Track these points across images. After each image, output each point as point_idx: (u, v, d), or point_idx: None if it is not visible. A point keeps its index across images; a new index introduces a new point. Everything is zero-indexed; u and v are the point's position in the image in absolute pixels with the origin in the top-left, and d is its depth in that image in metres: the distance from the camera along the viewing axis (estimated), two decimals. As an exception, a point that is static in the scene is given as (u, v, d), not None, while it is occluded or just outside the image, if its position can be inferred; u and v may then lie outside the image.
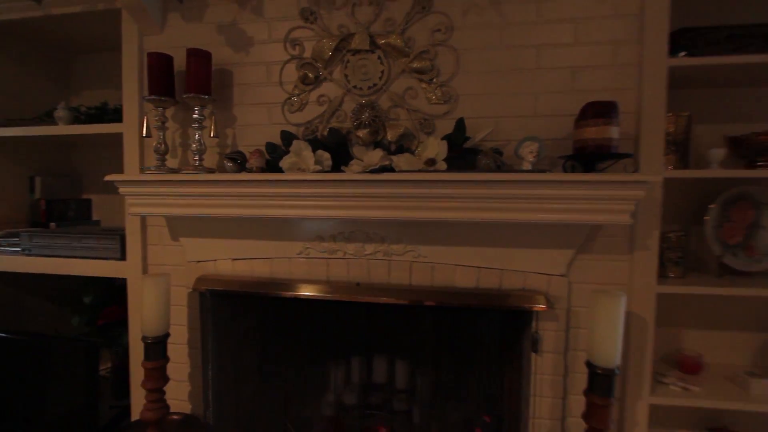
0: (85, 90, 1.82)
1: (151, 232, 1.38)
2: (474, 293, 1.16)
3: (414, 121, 1.19)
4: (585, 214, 1.02)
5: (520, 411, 1.19)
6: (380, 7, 1.19)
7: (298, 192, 1.11)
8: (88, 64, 1.81)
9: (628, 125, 1.09)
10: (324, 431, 1.37)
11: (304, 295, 1.22)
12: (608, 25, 1.10)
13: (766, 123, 1.24)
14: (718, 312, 1.32)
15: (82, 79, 1.81)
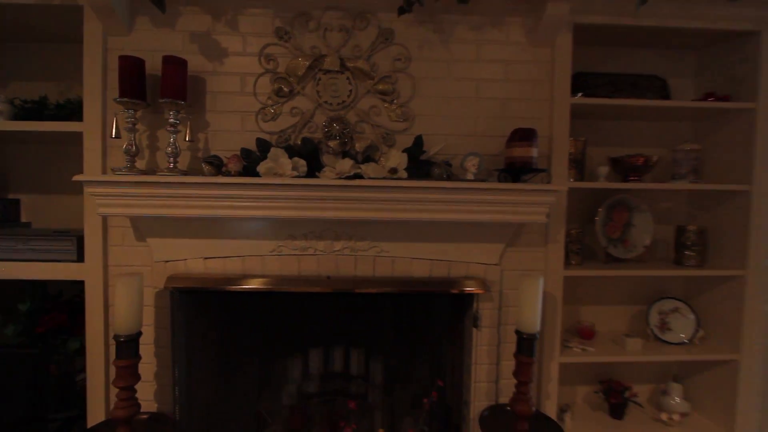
0: (13, 82, 1.69)
1: (113, 233, 1.37)
2: (428, 282, 1.39)
3: (377, 134, 1.39)
4: (513, 215, 1.30)
5: (464, 377, 1.44)
6: (349, 34, 1.37)
7: (276, 195, 1.23)
8: (18, 53, 1.68)
9: (543, 146, 1.40)
10: (300, 416, 1.49)
11: (278, 288, 1.34)
12: (529, 69, 1.41)
13: (636, 147, 1.66)
14: (605, 290, 1.72)
15: (10, 70, 1.68)
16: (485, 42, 1.40)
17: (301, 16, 1.36)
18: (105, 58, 1.34)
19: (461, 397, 1.47)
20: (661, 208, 1.69)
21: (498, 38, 1.40)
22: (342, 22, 1.37)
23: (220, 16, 1.36)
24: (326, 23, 1.37)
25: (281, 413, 1.52)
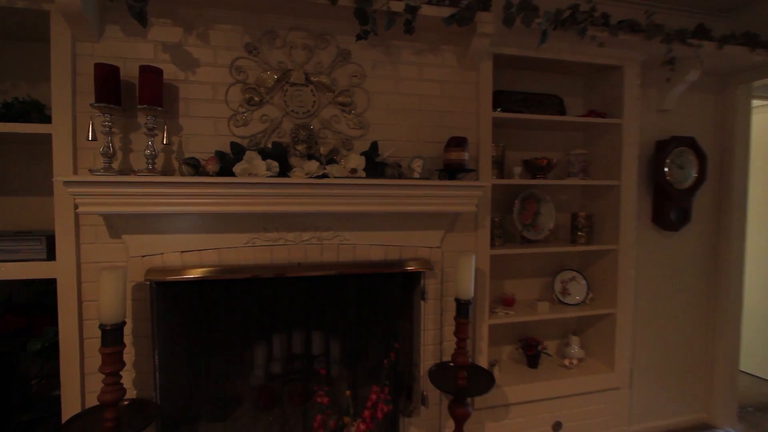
0: None
1: (84, 232, 1.43)
2: (383, 264, 1.65)
3: (338, 140, 1.62)
4: (451, 206, 1.62)
5: (414, 342, 1.73)
6: (312, 52, 1.58)
7: (253, 192, 1.40)
8: None
9: (472, 151, 1.74)
10: (269, 394, 1.66)
11: (253, 275, 1.51)
12: (460, 88, 1.73)
13: (541, 151, 2.08)
14: (521, 266, 2.13)
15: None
16: (426, 65, 1.69)
17: (268, 34, 1.54)
18: (74, 63, 1.39)
19: (412, 359, 1.76)
20: (560, 199, 2.14)
21: (436, 62, 1.70)
22: (305, 41, 1.57)
23: (192, 30, 1.48)
24: (291, 41, 1.56)
25: (256, 392, 1.68)
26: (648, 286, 2.28)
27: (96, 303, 1.45)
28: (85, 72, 1.40)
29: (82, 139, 1.40)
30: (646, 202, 2.25)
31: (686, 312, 2.38)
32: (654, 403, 2.36)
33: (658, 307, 2.31)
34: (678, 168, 2.20)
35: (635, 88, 1.98)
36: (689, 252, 2.35)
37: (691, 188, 2.22)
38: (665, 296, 2.33)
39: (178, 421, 1.56)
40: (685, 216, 2.26)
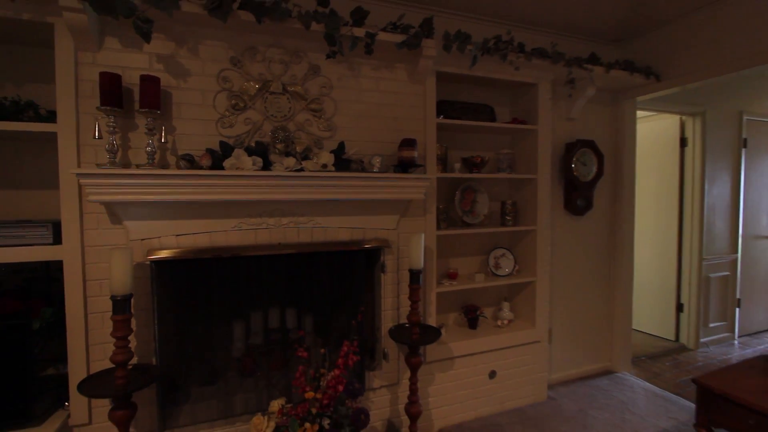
0: None
1: (88, 219, 1.62)
2: (350, 243, 1.99)
3: (311, 140, 1.93)
4: (403, 194, 1.99)
5: (376, 308, 2.09)
6: (287, 66, 1.87)
7: (241, 183, 1.68)
8: None
9: (421, 150, 2.13)
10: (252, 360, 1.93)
11: (240, 254, 1.78)
12: (410, 98, 2.12)
13: (477, 151, 2.53)
14: (462, 245, 2.57)
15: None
16: (382, 79, 2.06)
17: (250, 50, 1.82)
18: (76, 70, 1.58)
19: (375, 324, 2.12)
20: (492, 190, 2.60)
21: (390, 77, 2.07)
22: (282, 56, 1.87)
23: (183, 44, 1.72)
24: (270, 56, 1.85)
25: (244, 355, 1.95)
26: (562, 260, 2.83)
27: (98, 282, 1.65)
28: (86, 78, 1.60)
29: (85, 137, 1.59)
30: (559, 192, 2.80)
31: (591, 281, 2.96)
32: (569, 356, 2.91)
33: (570, 277, 2.87)
34: (582, 165, 2.76)
35: (547, 101, 2.48)
36: (592, 232, 2.93)
37: (592, 181, 2.80)
38: (575, 268, 2.89)
39: (174, 383, 1.79)
40: (588, 203, 2.84)
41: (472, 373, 2.39)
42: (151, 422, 1.71)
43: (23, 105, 1.66)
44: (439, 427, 2.31)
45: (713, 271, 3.53)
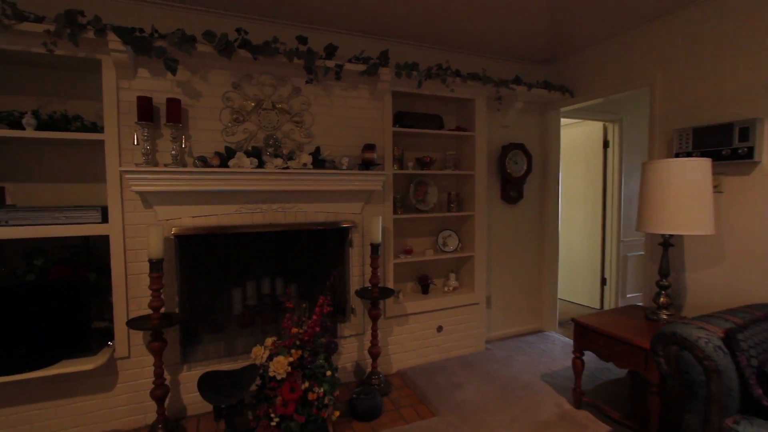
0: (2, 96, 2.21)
1: (127, 205, 2.18)
2: (325, 223, 2.59)
3: (294, 145, 2.52)
4: (366, 186, 2.61)
5: (345, 275, 2.70)
6: (275, 89, 2.46)
7: (242, 178, 2.26)
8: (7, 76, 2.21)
9: (380, 152, 2.74)
10: (249, 316, 2.52)
11: (240, 231, 2.36)
12: (372, 112, 2.73)
13: (428, 152, 3.16)
14: (416, 228, 3.20)
15: None
16: (349, 97, 2.66)
17: (246, 76, 2.39)
18: (117, 93, 2.13)
19: (345, 288, 2.73)
20: (441, 183, 3.24)
21: (355, 95, 2.68)
22: (271, 81, 2.45)
23: (196, 73, 2.28)
24: (262, 81, 2.43)
25: (241, 314, 2.54)
26: (499, 241, 3.51)
27: (134, 251, 2.21)
28: (124, 99, 2.15)
29: (125, 143, 2.14)
30: (496, 185, 3.47)
31: (524, 257, 3.65)
32: (506, 318, 3.60)
33: (506, 255, 3.55)
34: (514, 163, 3.43)
35: (483, 113, 3.13)
36: (524, 218, 3.62)
37: (522, 176, 3.47)
38: (510, 247, 3.57)
39: (191, 328, 2.37)
40: (520, 194, 3.52)
41: (423, 328, 3.04)
42: (175, 356, 2.29)
43: (71, 118, 2.20)
44: (397, 369, 2.95)
45: (630, 250, 4.27)
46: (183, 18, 2.36)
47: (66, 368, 1.99)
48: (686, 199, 2.11)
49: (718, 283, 2.37)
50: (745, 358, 1.56)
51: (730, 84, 2.29)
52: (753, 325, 1.67)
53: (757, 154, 2.15)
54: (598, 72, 3.14)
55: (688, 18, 2.49)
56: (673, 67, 2.58)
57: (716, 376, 1.57)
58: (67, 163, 2.27)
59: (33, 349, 2.02)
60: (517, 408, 2.41)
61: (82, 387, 2.16)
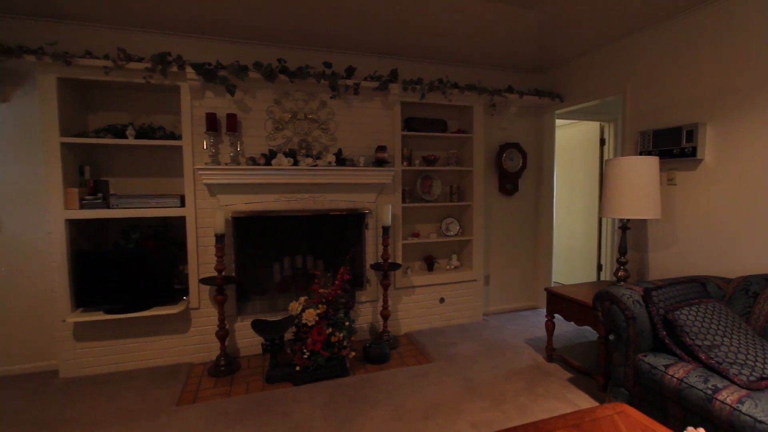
0: (100, 112, 2.98)
1: (198, 194, 2.90)
2: (347, 210, 3.24)
3: (321, 147, 3.17)
4: (378, 180, 3.23)
5: (362, 252, 3.34)
6: (306, 103, 3.11)
7: (281, 172, 2.93)
8: (102, 94, 2.97)
9: (391, 152, 3.35)
10: (285, 282, 3.21)
11: (280, 214, 3.04)
12: (385, 119, 3.33)
13: (433, 151, 3.73)
14: (423, 215, 3.79)
15: (92, 103, 2.95)
16: (365, 107, 3.28)
17: (285, 94, 3.06)
18: (191, 110, 2.85)
19: (362, 263, 3.37)
20: (444, 178, 3.80)
21: (370, 106, 3.29)
22: (304, 97, 3.10)
23: (247, 93, 2.97)
24: (296, 97, 3.09)
25: (281, 281, 3.24)
26: (498, 228, 4.04)
27: (203, 228, 2.93)
28: (196, 115, 2.86)
29: (197, 147, 2.86)
30: (494, 179, 3.99)
31: (520, 242, 4.16)
32: (504, 295, 4.13)
33: (504, 240, 4.08)
34: (510, 160, 3.95)
35: (481, 117, 3.66)
36: (519, 208, 4.12)
37: (518, 172, 3.98)
38: (508, 233, 4.09)
39: (243, 289, 3.09)
40: (515, 187, 4.03)
41: (428, 299, 3.63)
42: (232, 309, 3.01)
43: (156, 128, 2.94)
44: (405, 331, 3.56)
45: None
46: (239, 50, 3.05)
47: (157, 311, 2.75)
48: (637, 189, 2.60)
49: (673, 260, 2.83)
50: (655, 309, 2.06)
51: (681, 95, 2.73)
52: (668, 286, 2.16)
53: (700, 152, 2.59)
54: (582, 80, 3.60)
55: (649, 37, 2.93)
56: (639, 78, 3.02)
57: (633, 323, 2.08)
58: (153, 162, 3.02)
59: (134, 298, 2.79)
60: (498, 359, 2.98)
61: (166, 328, 2.91)
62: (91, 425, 2.19)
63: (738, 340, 1.87)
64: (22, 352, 2.84)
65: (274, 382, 2.66)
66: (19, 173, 2.76)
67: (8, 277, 2.79)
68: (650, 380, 1.95)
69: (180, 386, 2.61)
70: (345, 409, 2.32)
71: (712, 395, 1.68)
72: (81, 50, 2.63)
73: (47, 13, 2.66)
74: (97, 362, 2.80)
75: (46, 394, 2.54)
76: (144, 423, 2.20)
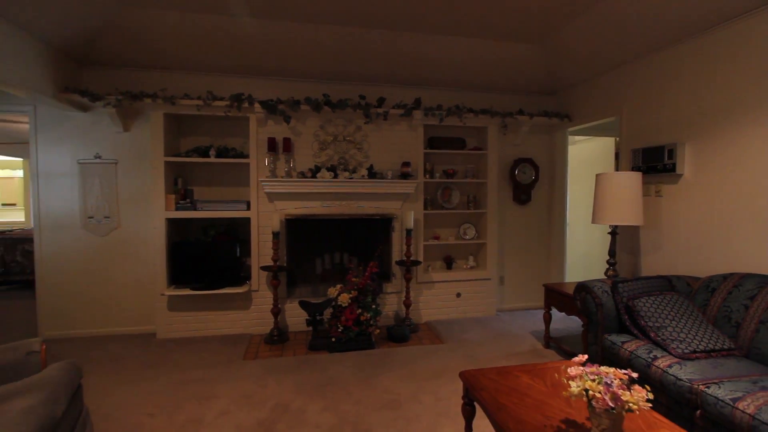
0: (189, 136, 3.88)
1: (260, 200, 3.71)
2: (377, 215, 3.91)
3: (356, 162, 3.88)
4: (403, 190, 3.87)
5: (390, 251, 3.99)
6: (345, 127, 3.85)
7: (325, 183, 3.67)
8: (191, 123, 3.87)
9: (414, 167, 3.98)
10: (327, 272, 3.94)
11: (323, 217, 3.78)
12: (410, 139, 3.98)
13: (452, 165, 4.31)
14: (443, 221, 4.37)
15: (184, 131, 3.87)
16: (394, 130, 3.95)
17: (328, 121, 3.81)
18: (257, 135, 3.67)
19: (389, 258, 4.01)
20: (462, 188, 4.36)
21: (398, 129, 3.96)
22: (343, 123, 3.84)
23: (299, 121, 3.76)
24: (337, 123, 3.83)
25: (322, 272, 3.96)
26: (512, 233, 4.52)
27: (262, 227, 3.73)
28: (260, 139, 3.68)
29: (260, 164, 3.67)
30: (509, 190, 4.49)
31: (533, 247, 4.60)
32: (518, 295, 4.59)
33: (518, 245, 4.55)
34: (523, 173, 4.43)
35: (495, 136, 4.20)
36: (533, 216, 4.58)
37: (530, 183, 4.45)
38: (521, 239, 4.56)
39: (292, 277, 3.84)
40: (528, 198, 4.50)
41: (446, 293, 4.19)
42: (283, 293, 3.76)
43: (230, 149, 3.79)
44: (425, 320, 4.14)
45: (640, 247, 4.93)
46: (294, 87, 3.85)
47: (228, 290, 3.56)
48: (622, 200, 3.04)
49: (660, 262, 3.21)
50: (620, 297, 2.52)
51: (664, 118, 3.14)
52: (634, 281, 2.60)
53: (679, 168, 2.99)
54: (587, 103, 4.04)
55: (640, 67, 3.35)
56: (633, 102, 3.45)
57: (601, 308, 2.55)
58: (226, 175, 3.88)
59: (211, 279, 3.63)
60: (502, 344, 3.48)
61: (233, 305, 3.72)
62: (183, 368, 2.99)
63: (685, 323, 2.29)
64: (131, 318, 3.77)
65: (315, 350, 3.35)
66: (134, 183, 3.71)
67: (123, 261, 3.74)
68: (611, 354, 2.41)
69: (244, 348, 3.38)
70: (368, 370, 2.96)
71: (650, 362, 2.14)
72: (181, 93, 3.54)
73: (158, 65, 3.61)
74: (183, 328, 3.65)
75: (148, 347, 3.41)
76: (220, 369, 2.97)
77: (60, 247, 3.64)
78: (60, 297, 3.66)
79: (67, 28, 3.03)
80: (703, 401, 1.81)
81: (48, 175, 3.60)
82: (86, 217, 3.67)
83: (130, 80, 3.59)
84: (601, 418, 1.37)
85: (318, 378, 2.82)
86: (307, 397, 2.55)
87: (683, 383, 1.93)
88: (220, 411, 2.37)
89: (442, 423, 2.24)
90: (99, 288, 3.72)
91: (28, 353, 1.94)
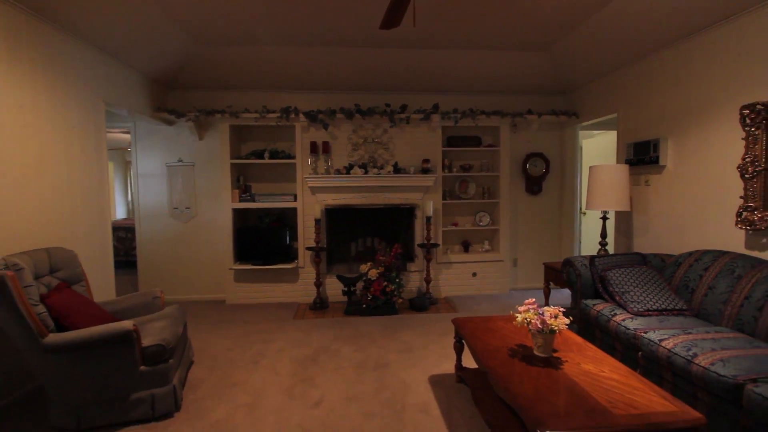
0: (248, 142, 4.76)
1: (305, 193, 4.52)
2: (401, 204, 4.60)
3: (384, 160, 4.59)
4: (423, 183, 4.53)
5: (413, 236, 4.67)
6: (373, 131, 4.56)
7: (357, 179, 4.41)
8: (251, 131, 4.75)
9: (434, 162, 4.62)
10: (359, 254, 4.69)
11: (356, 206, 4.52)
12: (430, 139, 4.62)
13: (469, 160, 4.88)
14: (461, 210, 4.97)
15: (244, 138, 4.74)
16: (415, 131, 4.60)
17: (359, 125, 4.54)
18: (300, 140, 4.48)
19: (412, 241, 4.69)
20: (478, 181, 4.93)
21: (419, 131, 4.60)
22: (372, 127, 4.55)
23: (335, 127, 4.52)
24: (366, 127, 4.54)
25: (355, 253, 4.73)
26: (525, 221, 5.03)
27: (307, 216, 4.54)
28: (303, 143, 4.48)
29: (303, 163, 4.48)
30: (521, 182, 4.99)
31: (544, 233, 5.08)
32: (530, 276, 5.10)
33: (530, 230, 5.05)
34: (534, 166, 4.92)
35: (507, 134, 4.72)
36: (544, 205, 5.05)
37: (541, 176, 4.93)
38: (534, 225, 5.05)
39: (331, 256, 4.64)
40: (539, 188, 4.98)
41: (463, 273, 4.81)
42: (323, 269, 4.57)
43: (279, 151, 4.63)
44: (444, 296, 4.79)
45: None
46: (331, 98, 4.60)
47: (280, 266, 4.42)
48: (611, 189, 3.51)
49: (648, 243, 3.64)
50: (595, 269, 3.04)
51: (652, 115, 3.55)
52: (610, 257, 3.10)
53: (662, 160, 3.40)
54: (591, 101, 4.45)
55: (633, 70, 3.76)
56: (628, 101, 3.86)
57: (580, 278, 3.08)
58: (277, 173, 4.73)
59: (267, 257, 4.51)
60: (507, 313, 4.06)
61: (284, 278, 4.59)
62: (249, 323, 3.87)
63: (647, 290, 2.78)
64: (206, 287, 4.75)
65: (349, 314, 4.13)
66: (207, 181, 4.67)
67: (200, 243, 4.71)
68: (585, 315, 2.96)
69: (293, 312, 4.23)
70: (391, 328, 3.68)
71: (610, 318, 2.67)
72: (242, 108, 4.42)
73: (225, 87, 4.51)
74: (246, 296, 4.57)
75: (220, 310, 4.35)
76: (277, 324, 3.82)
77: (153, 232, 4.68)
78: (154, 270, 4.71)
79: (160, 63, 3.97)
80: (641, 344, 2.35)
81: (144, 175, 4.63)
82: (172, 208, 4.68)
83: (204, 99, 4.52)
84: (537, 338, 1.99)
85: (351, 332, 3.58)
86: (342, 343, 3.32)
87: (630, 332, 2.46)
88: (278, 349, 3.20)
89: (442, 361, 2.92)
90: (182, 264, 4.73)
91: (153, 297, 2.85)
